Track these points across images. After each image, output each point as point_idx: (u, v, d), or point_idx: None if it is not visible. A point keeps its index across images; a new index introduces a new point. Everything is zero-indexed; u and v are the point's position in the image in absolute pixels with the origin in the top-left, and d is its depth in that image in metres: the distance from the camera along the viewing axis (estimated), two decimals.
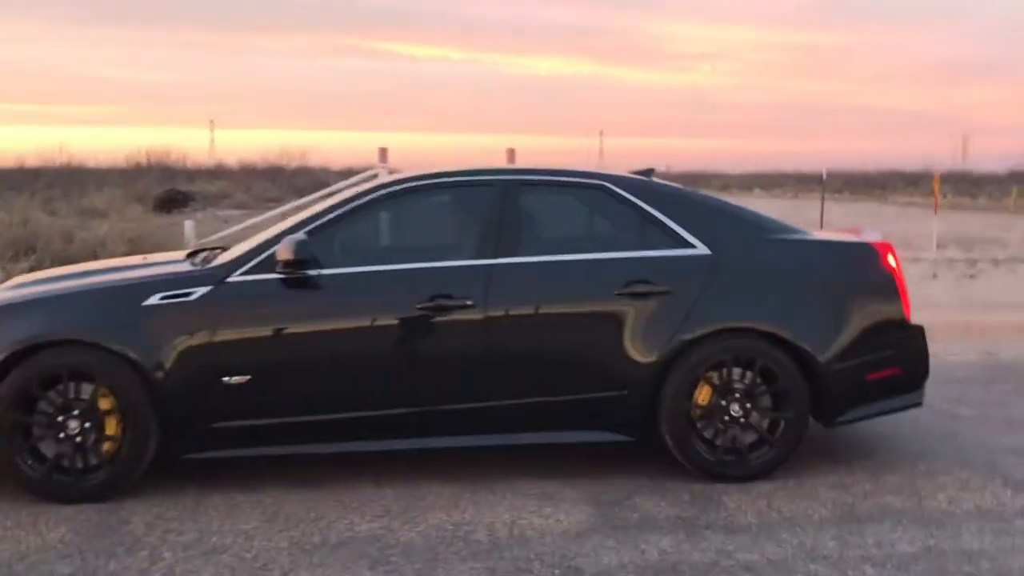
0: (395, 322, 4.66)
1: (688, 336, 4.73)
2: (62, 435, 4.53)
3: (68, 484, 4.54)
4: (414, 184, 4.95)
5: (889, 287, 4.97)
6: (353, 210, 4.82)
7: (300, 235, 4.62)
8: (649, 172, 5.48)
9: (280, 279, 4.63)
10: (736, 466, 4.79)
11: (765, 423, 4.82)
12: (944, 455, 5.22)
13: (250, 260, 4.69)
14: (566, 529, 4.22)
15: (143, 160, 49.46)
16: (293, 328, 4.63)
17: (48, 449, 4.55)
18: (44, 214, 16.81)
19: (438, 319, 4.64)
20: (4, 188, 34.47)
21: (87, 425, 4.53)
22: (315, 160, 50.82)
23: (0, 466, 4.55)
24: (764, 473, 4.81)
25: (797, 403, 4.79)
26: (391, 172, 9.83)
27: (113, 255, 8.32)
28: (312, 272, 4.63)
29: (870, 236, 5.23)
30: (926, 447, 5.37)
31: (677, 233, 4.89)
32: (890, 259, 5.01)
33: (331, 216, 4.79)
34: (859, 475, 4.91)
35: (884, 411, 5.11)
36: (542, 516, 4.36)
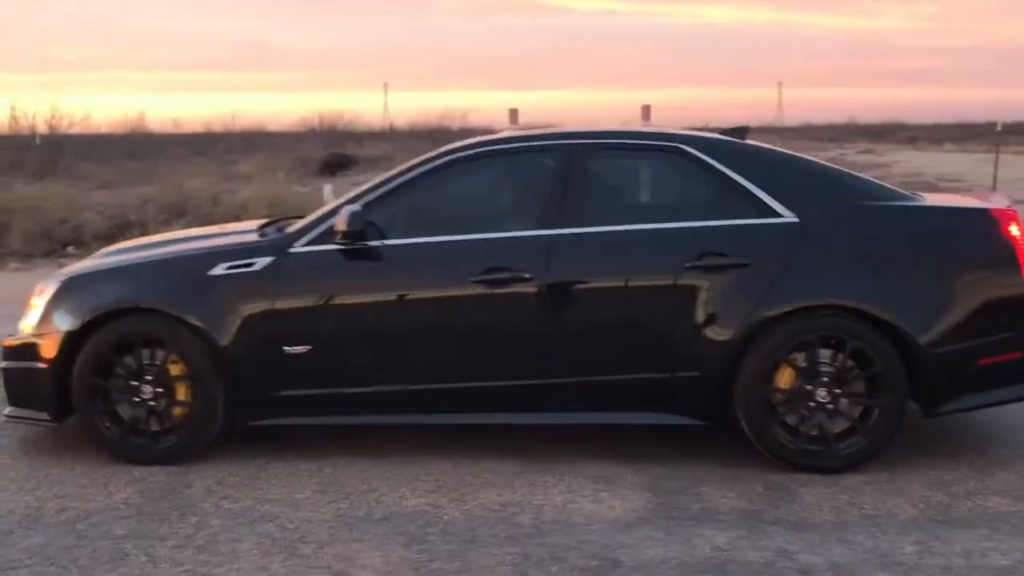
0: (451, 295, 4.51)
1: (768, 313, 4.35)
2: (137, 399, 4.64)
3: (142, 446, 4.65)
4: (478, 150, 4.76)
5: (1008, 260, 4.42)
6: (413, 179, 4.68)
7: (356, 206, 4.53)
8: (743, 131, 5.09)
9: (339, 250, 4.56)
10: (821, 456, 4.40)
11: (856, 410, 4.40)
12: None
13: (312, 231, 4.65)
14: (617, 516, 3.97)
15: (316, 124, 51.69)
16: (351, 299, 4.56)
17: (124, 412, 4.67)
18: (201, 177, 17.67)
19: (495, 292, 4.45)
20: (191, 152, 36.75)
21: (159, 390, 4.62)
22: (477, 121, 51.38)
23: (82, 427, 4.72)
24: (853, 465, 4.39)
25: (892, 389, 4.34)
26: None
27: (255, 217, 8.57)
28: (369, 243, 4.53)
29: (994, 202, 4.66)
30: None
31: (761, 200, 4.49)
32: (1012, 229, 4.44)
33: (391, 185, 4.68)
34: (965, 471, 4.41)
35: (999, 401, 4.57)
36: (596, 501, 4.14)
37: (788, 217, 4.45)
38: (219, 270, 4.61)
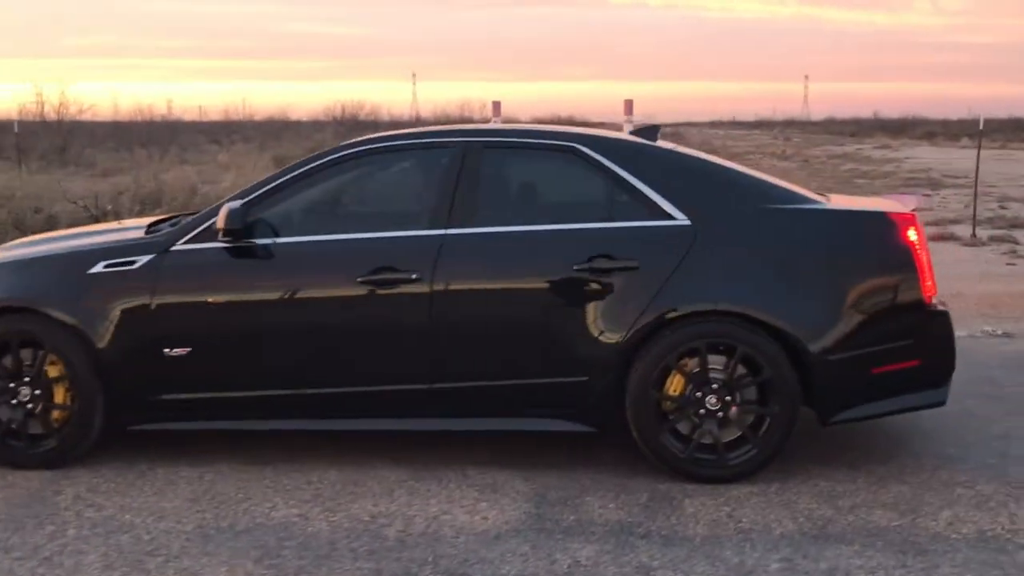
0: (337, 295, 4.38)
1: (655, 318, 4.21)
2: (14, 401, 4.51)
3: (19, 449, 4.52)
4: (370, 147, 4.62)
5: (905, 265, 4.27)
6: (300, 176, 4.53)
7: (236, 202, 4.39)
8: (654, 130, 4.94)
9: (220, 248, 4.42)
10: (712, 466, 4.26)
11: (747, 419, 4.26)
12: (978, 463, 4.47)
13: (195, 228, 4.51)
14: (488, 528, 3.85)
15: (338, 113, 51.67)
16: (231, 299, 4.42)
17: (2, 414, 4.54)
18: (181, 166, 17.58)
19: (382, 293, 4.32)
20: (205, 140, 36.62)
21: (37, 392, 4.50)
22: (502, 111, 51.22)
23: None
24: (744, 475, 4.26)
25: (783, 397, 4.20)
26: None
27: None
28: (251, 242, 4.40)
29: (896, 205, 4.52)
30: (969, 452, 4.61)
31: (654, 202, 4.35)
32: (910, 233, 4.29)
33: (280, 182, 4.53)
34: (859, 483, 4.27)
35: (896, 410, 4.44)
36: (472, 512, 4.01)
37: (680, 220, 4.31)
38: (98, 268, 4.48)
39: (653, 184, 4.37)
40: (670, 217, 4.32)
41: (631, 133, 4.99)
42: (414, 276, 4.29)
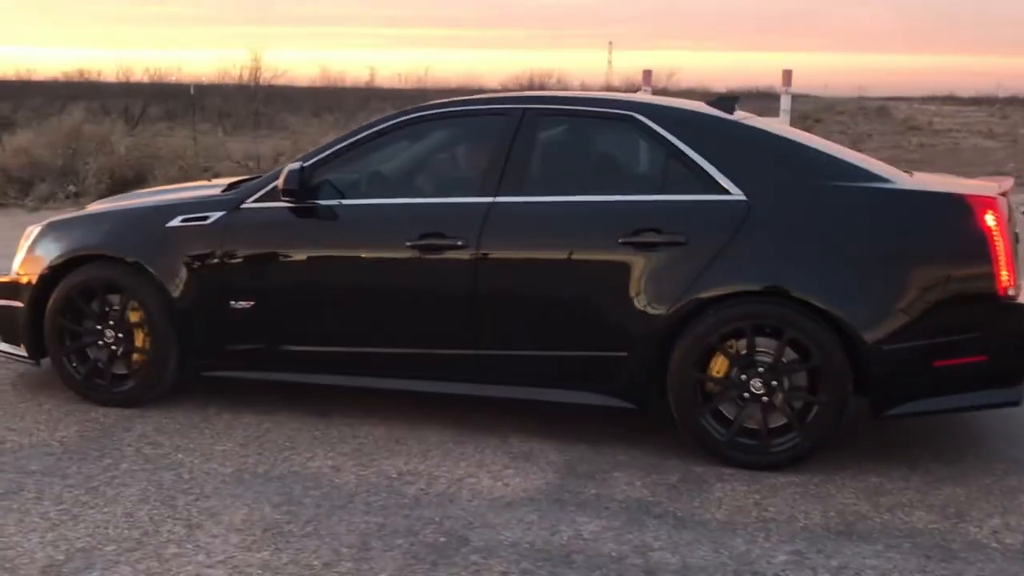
0: (386, 257, 4.47)
1: (699, 296, 4.08)
2: (100, 343, 4.85)
3: (103, 387, 4.87)
4: (427, 114, 4.66)
5: (978, 252, 3.95)
6: (361, 140, 4.64)
7: (296, 164, 4.54)
8: (731, 100, 4.76)
9: (284, 208, 4.59)
10: (752, 451, 4.11)
11: (795, 406, 4.07)
12: None
13: (263, 187, 4.69)
14: (504, 495, 3.86)
15: (525, 82, 51.73)
16: (292, 257, 4.59)
17: (91, 354, 4.89)
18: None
19: (429, 257, 4.37)
20: (392, 107, 37.85)
21: (120, 335, 4.82)
22: (687, 81, 50.39)
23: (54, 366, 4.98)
24: (786, 463, 4.09)
25: (832, 386, 4.00)
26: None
27: None
28: (310, 202, 4.54)
29: (979, 187, 4.19)
30: None
31: (709, 175, 4.20)
32: (988, 218, 3.96)
33: (340, 146, 4.65)
34: (913, 482, 4.01)
35: (961, 407, 4.14)
36: (497, 477, 4.03)
37: (735, 195, 4.15)
38: (175, 222, 4.74)
39: (710, 157, 4.22)
40: (725, 192, 4.16)
41: (709, 104, 4.82)
42: (459, 243, 4.32)
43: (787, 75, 12.24)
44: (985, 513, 3.73)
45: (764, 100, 26.58)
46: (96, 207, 5.32)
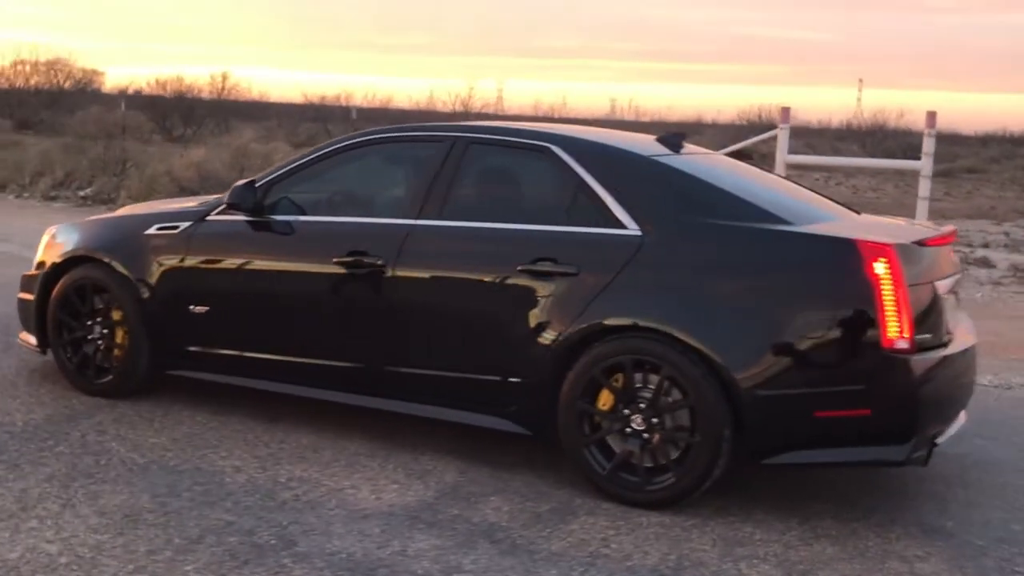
0: (317, 272, 4.71)
1: (583, 328, 4.09)
2: (89, 337, 5.34)
3: (89, 378, 5.35)
4: (370, 138, 4.89)
5: (864, 301, 3.76)
6: (308, 161, 4.91)
7: (244, 181, 4.87)
8: (678, 137, 4.75)
9: (235, 221, 4.92)
10: (632, 488, 4.06)
11: (671, 445, 4.00)
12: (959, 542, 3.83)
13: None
14: (365, 508, 3.99)
15: (752, 117, 50.15)
16: (235, 267, 4.91)
17: (85, 348, 5.39)
18: None
19: (353, 273, 4.58)
20: None
21: (104, 331, 5.29)
22: (941, 121, 47.27)
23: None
24: (666, 502, 4.01)
25: (705, 426, 3.90)
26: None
27: None
28: (255, 217, 4.85)
29: (882, 233, 3.99)
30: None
31: (609, 209, 4.21)
32: (878, 266, 3.77)
33: (289, 167, 4.94)
34: (788, 537, 3.86)
35: (842, 462, 3.93)
36: (376, 492, 4.17)
37: (631, 230, 4.13)
38: (152, 230, 5.17)
39: (614, 191, 4.23)
40: (622, 226, 4.16)
41: (657, 140, 4.80)
42: (379, 262, 4.50)
43: (931, 117, 11.67)
44: (818, 558, 3.54)
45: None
46: (118, 212, 5.86)
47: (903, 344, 3.74)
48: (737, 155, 21.59)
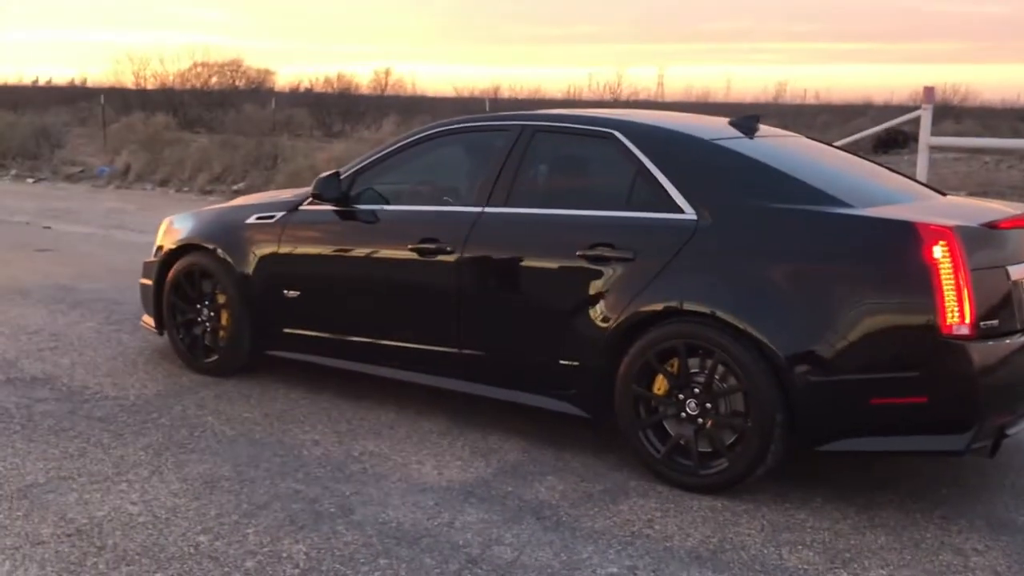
0: (395, 258, 4.91)
1: (637, 312, 4.14)
2: (199, 319, 5.75)
3: (196, 357, 5.75)
4: (443, 129, 5.04)
5: (923, 286, 3.66)
6: (388, 154, 5.12)
7: (328, 172, 5.12)
8: (752, 120, 4.73)
9: (326, 211, 5.19)
10: (686, 472, 4.09)
11: (725, 430, 4.01)
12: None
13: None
14: (426, 482, 4.16)
15: (919, 97, 47.16)
16: (324, 253, 5.19)
17: (195, 328, 5.81)
18: None
19: (425, 260, 4.77)
20: (773, 122, 37.37)
21: (211, 315, 5.68)
22: None
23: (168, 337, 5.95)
24: (719, 487, 4.02)
25: (757, 412, 3.89)
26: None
27: None
28: (341, 207, 5.11)
29: (943, 216, 3.86)
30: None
31: (668, 194, 4.23)
32: (937, 250, 3.66)
33: (372, 159, 5.17)
34: (843, 524, 3.80)
35: (899, 450, 3.83)
36: (440, 467, 4.34)
37: (687, 214, 4.15)
38: (251, 219, 5.52)
39: (673, 176, 4.25)
40: (679, 210, 4.17)
41: (729, 123, 4.78)
42: (448, 248, 4.67)
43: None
44: (874, 565, 3.47)
45: None
46: (231, 203, 6.25)
47: (963, 330, 3.62)
48: (887, 137, 20.58)
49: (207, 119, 33.36)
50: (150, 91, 37.31)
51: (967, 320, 3.63)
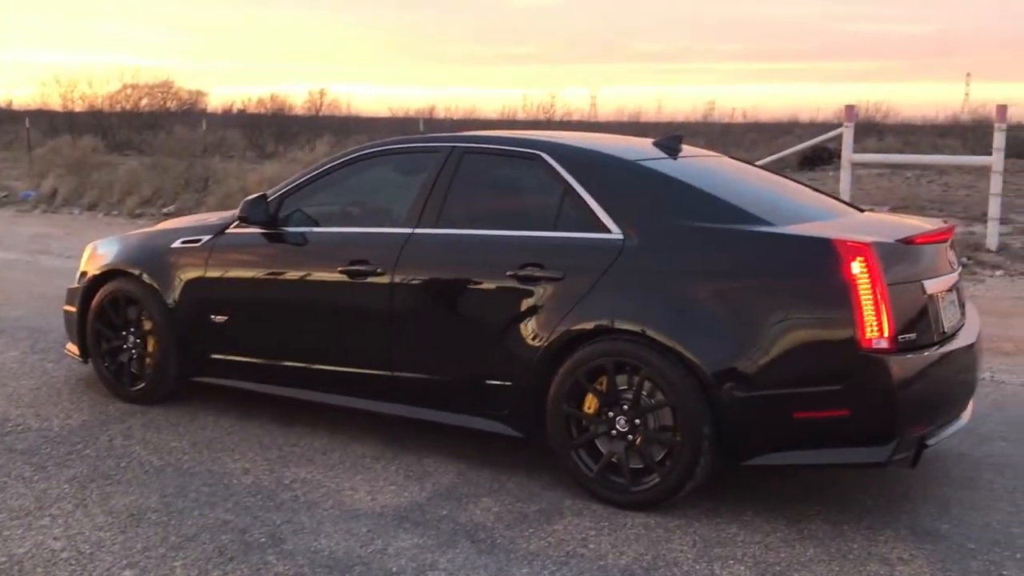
0: (323, 281, 4.87)
1: (566, 332, 4.16)
2: (125, 346, 5.63)
3: (123, 386, 5.63)
4: (372, 151, 5.04)
5: (842, 301, 3.74)
6: (315, 175, 5.09)
7: (255, 195, 5.07)
8: (675, 140, 4.80)
9: (251, 233, 5.13)
10: (619, 490, 4.11)
11: (654, 446, 4.04)
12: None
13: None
14: (360, 508, 4.12)
15: (842, 116, 47.87)
16: (249, 277, 5.12)
17: (121, 356, 5.68)
18: None
19: (355, 282, 4.73)
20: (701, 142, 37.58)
21: (137, 341, 5.57)
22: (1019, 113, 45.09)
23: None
24: (650, 504, 4.05)
25: (686, 428, 3.93)
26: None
27: None
28: (267, 230, 5.06)
29: (860, 233, 3.95)
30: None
31: (594, 214, 4.27)
32: (855, 266, 3.75)
33: (301, 180, 5.14)
34: (773, 538, 3.85)
35: (823, 463, 3.90)
36: (373, 493, 4.30)
37: (614, 234, 4.19)
38: (177, 244, 5.43)
39: (599, 196, 4.29)
40: (606, 230, 4.21)
41: (654, 143, 4.84)
42: (379, 270, 4.65)
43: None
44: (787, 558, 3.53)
45: None
46: (155, 227, 6.15)
47: (882, 344, 3.71)
48: (812, 154, 21.01)
49: (137, 141, 32.80)
50: (78, 113, 36.62)
51: (886, 334, 3.71)
